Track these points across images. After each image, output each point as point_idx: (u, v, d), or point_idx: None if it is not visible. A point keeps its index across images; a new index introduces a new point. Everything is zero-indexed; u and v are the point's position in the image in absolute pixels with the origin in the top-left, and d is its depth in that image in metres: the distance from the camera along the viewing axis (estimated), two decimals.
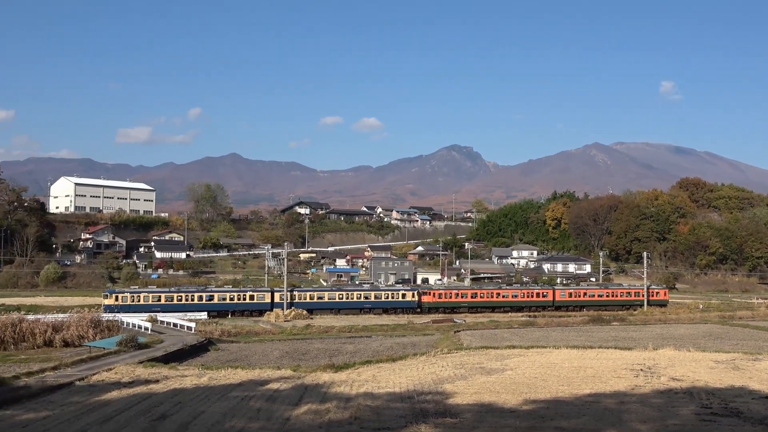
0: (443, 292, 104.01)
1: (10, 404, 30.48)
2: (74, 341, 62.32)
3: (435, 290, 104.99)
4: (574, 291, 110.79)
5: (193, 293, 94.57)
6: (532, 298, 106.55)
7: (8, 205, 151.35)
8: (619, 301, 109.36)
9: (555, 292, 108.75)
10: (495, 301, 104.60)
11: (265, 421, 25.48)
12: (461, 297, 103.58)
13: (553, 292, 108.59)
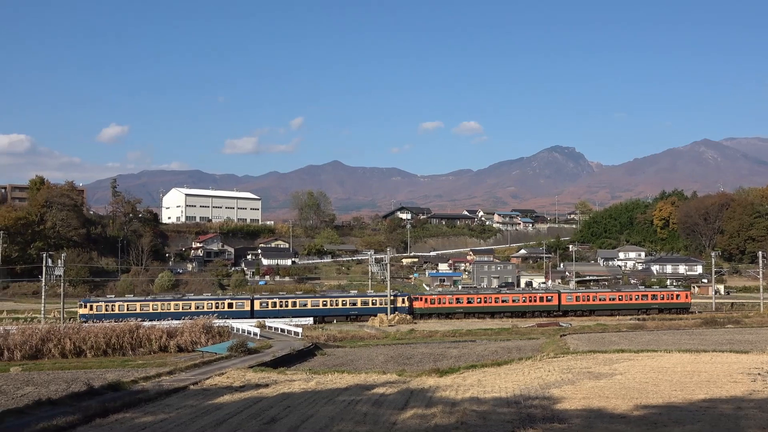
0: (436, 298, 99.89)
1: (130, 407, 31.74)
2: (188, 347, 64.51)
3: (427, 296, 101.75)
4: (582, 294, 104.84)
5: (169, 301, 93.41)
6: (536, 302, 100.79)
7: (124, 216, 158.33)
8: (634, 305, 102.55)
9: (561, 296, 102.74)
10: (494, 306, 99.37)
11: (372, 425, 25.65)
12: (456, 302, 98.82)
13: (558, 296, 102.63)
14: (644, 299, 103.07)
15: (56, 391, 39.96)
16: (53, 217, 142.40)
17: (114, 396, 35.55)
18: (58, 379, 47.32)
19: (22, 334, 61.81)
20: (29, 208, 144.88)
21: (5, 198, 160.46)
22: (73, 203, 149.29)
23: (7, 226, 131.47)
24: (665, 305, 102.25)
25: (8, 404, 36.27)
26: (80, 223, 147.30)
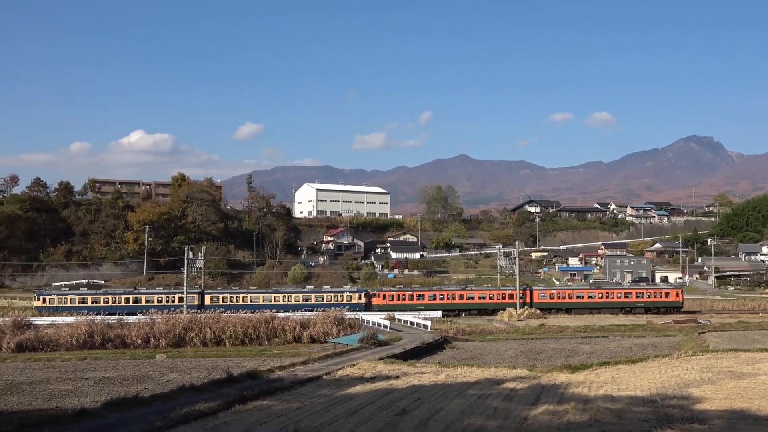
0: (395, 294, 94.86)
1: (267, 395, 32.81)
2: (320, 338, 66.09)
3: (386, 292, 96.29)
4: (557, 292, 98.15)
5: (120, 295, 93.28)
6: (505, 299, 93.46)
7: (259, 211, 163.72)
8: (617, 303, 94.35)
9: (533, 293, 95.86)
10: (458, 303, 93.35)
11: (503, 420, 25.46)
12: (417, 299, 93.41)
13: (530, 293, 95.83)
14: (628, 297, 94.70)
15: (198, 378, 41.85)
16: (194, 212, 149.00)
17: (252, 384, 36.84)
18: (199, 366, 49.57)
19: (167, 323, 65.11)
20: (172, 204, 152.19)
21: (150, 194, 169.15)
22: (212, 199, 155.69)
23: (151, 221, 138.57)
24: (653, 304, 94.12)
25: (155, 389, 38.29)
26: (218, 217, 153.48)
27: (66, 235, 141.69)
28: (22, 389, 40.84)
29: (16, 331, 63.07)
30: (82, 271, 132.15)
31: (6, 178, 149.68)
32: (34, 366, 52.25)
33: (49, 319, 76.77)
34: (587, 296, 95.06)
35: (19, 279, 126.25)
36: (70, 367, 50.91)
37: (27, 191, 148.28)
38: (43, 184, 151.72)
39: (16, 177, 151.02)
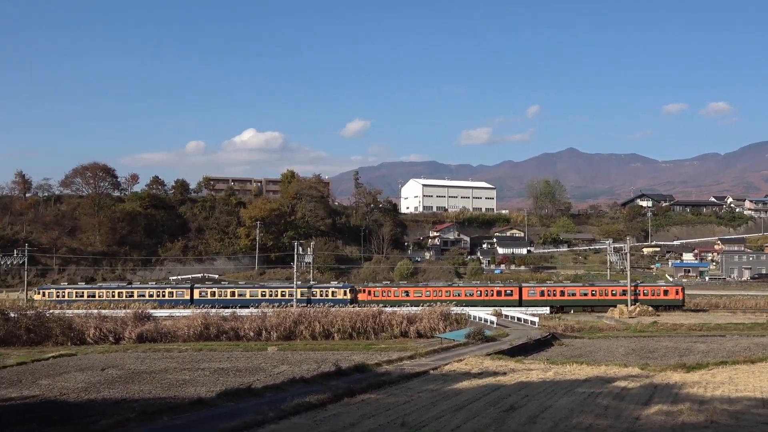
0: (380, 290, 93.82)
1: (375, 389, 33.16)
2: (426, 333, 66.19)
3: (371, 288, 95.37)
4: (548, 289, 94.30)
5: (114, 290, 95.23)
6: (492, 296, 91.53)
7: (366, 207, 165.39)
8: (610, 301, 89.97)
9: (522, 290, 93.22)
10: (444, 299, 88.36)
11: (614, 419, 24.86)
12: (402, 295, 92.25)
13: (519, 290, 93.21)
14: (624, 295, 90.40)
15: (308, 371, 42.64)
16: (303, 208, 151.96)
17: (360, 377, 37.30)
18: (309, 359, 50.53)
19: (278, 317, 66.64)
20: (282, 200, 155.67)
21: (261, 191, 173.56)
22: (320, 195, 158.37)
23: (262, 217, 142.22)
24: (650, 302, 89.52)
25: (267, 380, 39.27)
26: (326, 213, 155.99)
27: (182, 230, 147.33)
28: (143, 378, 42.67)
29: (137, 323, 65.94)
30: (198, 265, 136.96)
31: (127, 177, 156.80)
32: (153, 356, 54.50)
33: (167, 311, 79.91)
34: (580, 293, 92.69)
35: (139, 273, 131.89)
36: (187, 358, 52.82)
37: (146, 189, 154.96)
38: (161, 182, 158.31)
39: (137, 176, 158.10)
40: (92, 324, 64.52)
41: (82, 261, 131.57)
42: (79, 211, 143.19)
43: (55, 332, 63.01)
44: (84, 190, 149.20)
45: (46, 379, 42.86)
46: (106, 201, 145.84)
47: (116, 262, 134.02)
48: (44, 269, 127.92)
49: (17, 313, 65.86)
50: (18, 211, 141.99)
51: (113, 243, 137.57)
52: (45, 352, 56.73)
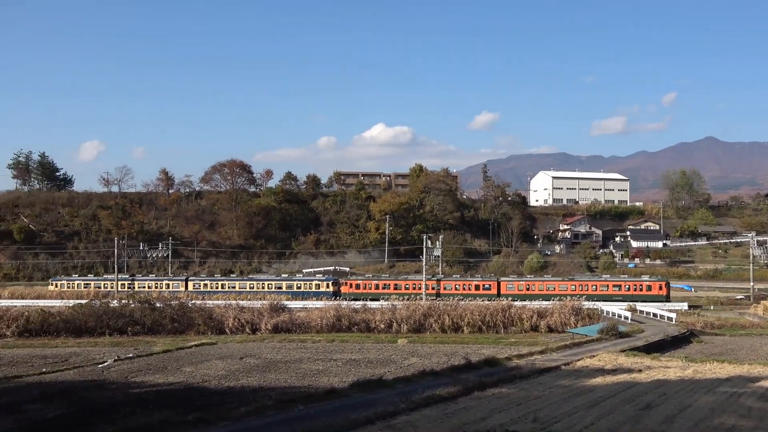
0: (360, 283, 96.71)
1: (505, 383, 32.89)
2: (557, 327, 65.06)
3: (352, 281, 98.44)
4: (526, 283, 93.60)
5: (123, 281, 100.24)
6: (470, 290, 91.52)
7: (494, 199, 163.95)
8: (591, 296, 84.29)
9: (500, 284, 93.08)
10: (421, 293, 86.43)
11: (758, 420, 23.60)
12: (383, 288, 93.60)
13: (498, 284, 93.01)
14: (604, 290, 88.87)
15: (438, 363, 42.79)
16: (431, 201, 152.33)
17: (490, 371, 37.08)
18: (438, 351, 50.67)
19: (407, 309, 67.16)
20: (410, 194, 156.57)
21: (390, 185, 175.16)
22: (449, 188, 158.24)
23: (392, 211, 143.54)
24: (633, 297, 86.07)
25: (397, 372, 39.68)
26: (455, 206, 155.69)
27: (314, 224, 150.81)
28: (279, 367, 44.03)
29: (272, 314, 68.10)
30: (330, 258, 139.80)
31: (262, 173, 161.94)
32: (288, 346, 56.12)
33: (301, 303, 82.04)
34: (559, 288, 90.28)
35: (274, 265, 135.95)
36: (320, 349, 54.09)
37: (280, 184, 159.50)
38: (294, 177, 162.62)
39: (271, 171, 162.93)
40: (231, 314, 67.13)
41: (221, 254, 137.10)
42: (218, 206, 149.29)
43: (197, 322, 65.97)
44: (222, 186, 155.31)
45: (189, 367, 44.95)
46: (242, 196, 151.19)
47: (252, 255, 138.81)
48: (186, 261, 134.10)
49: (162, 303, 69.32)
50: (162, 207, 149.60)
51: (250, 236, 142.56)
52: (188, 341, 59.50)
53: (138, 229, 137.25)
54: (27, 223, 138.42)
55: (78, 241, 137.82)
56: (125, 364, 47.12)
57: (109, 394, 36.39)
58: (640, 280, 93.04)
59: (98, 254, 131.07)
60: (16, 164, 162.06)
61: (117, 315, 65.85)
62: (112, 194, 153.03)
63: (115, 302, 71.12)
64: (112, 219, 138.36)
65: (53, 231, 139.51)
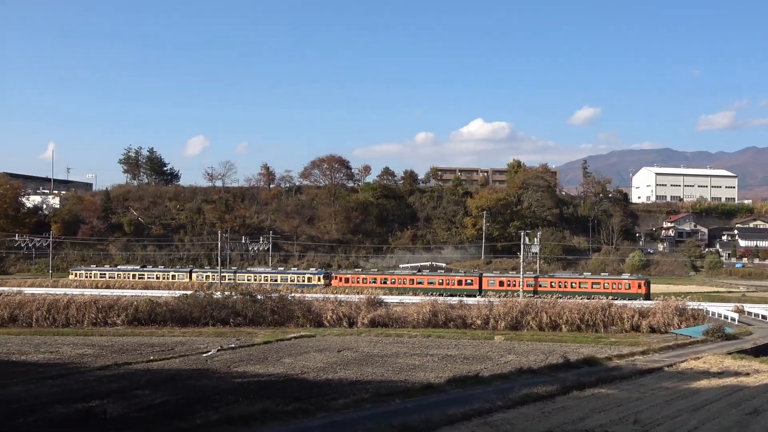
0: (349, 277, 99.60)
1: (604, 383, 32.26)
2: (659, 327, 63.27)
3: (342, 275, 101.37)
4: (507, 279, 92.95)
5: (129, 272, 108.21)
6: (453, 285, 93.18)
7: (594, 196, 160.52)
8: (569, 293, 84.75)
9: (482, 279, 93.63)
10: (409, 287, 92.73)
11: None
12: (370, 282, 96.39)
13: (480, 279, 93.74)
14: (583, 287, 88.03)
15: (535, 361, 42.33)
16: (529, 197, 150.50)
17: (589, 371, 36.44)
18: (535, 350, 50.10)
19: (504, 306, 66.59)
20: (508, 190, 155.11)
21: (487, 181, 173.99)
22: (547, 184, 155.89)
23: (489, 207, 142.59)
24: (612, 295, 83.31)
25: (494, 369, 39.47)
26: (553, 203, 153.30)
27: (411, 219, 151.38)
28: (375, 361, 44.45)
29: (369, 308, 68.70)
30: (426, 254, 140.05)
31: (360, 169, 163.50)
32: (384, 340, 56.57)
33: (398, 297, 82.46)
34: (539, 285, 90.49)
35: (371, 260, 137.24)
36: (416, 343, 54.29)
37: (378, 180, 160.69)
38: (392, 173, 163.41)
39: (369, 167, 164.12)
40: (329, 308, 68.14)
41: (320, 248, 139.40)
42: (317, 200, 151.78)
43: (296, 314, 67.27)
44: (321, 181, 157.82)
45: (289, 358, 45.92)
46: (341, 191, 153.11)
47: (350, 249, 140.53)
48: (286, 255, 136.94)
49: (263, 295, 71.03)
50: (263, 201, 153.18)
51: (347, 231, 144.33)
52: (287, 333, 60.77)
53: (240, 222, 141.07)
54: (136, 216, 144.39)
55: (183, 233, 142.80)
56: (228, 354, 48.54)
57: (213, 382, 37.58)
58: (620, 278, 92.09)
59: (202, 247, 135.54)
60: (127, 159, 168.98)
61: (220, 306, 67.82)
62: (216, 189, 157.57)
63: (218, 294, 73.29)
64: (215, 212, 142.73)
65: (160, 224, 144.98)
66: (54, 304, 67.63)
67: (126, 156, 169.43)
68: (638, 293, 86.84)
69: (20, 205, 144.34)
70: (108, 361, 45.22)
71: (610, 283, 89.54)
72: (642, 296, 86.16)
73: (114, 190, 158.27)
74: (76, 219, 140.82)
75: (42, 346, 53.51)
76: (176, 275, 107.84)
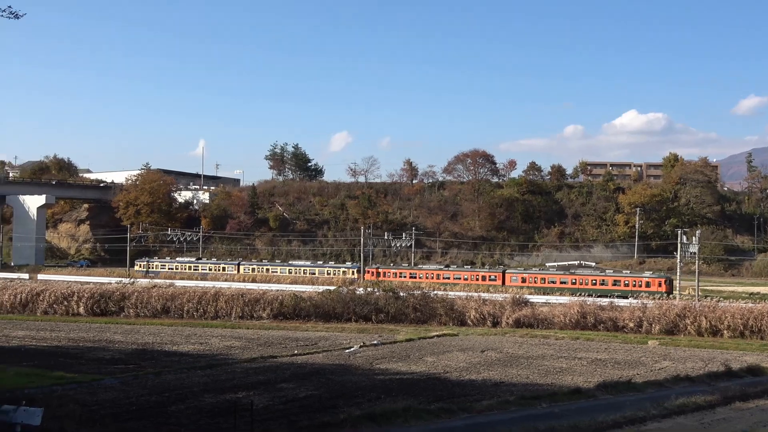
0: (381, 271, 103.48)
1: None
2: None
3: (374, 269, 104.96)
4: (529, 276, 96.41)
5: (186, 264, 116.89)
6: (477, 281, 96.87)
7: (761, 192, 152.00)
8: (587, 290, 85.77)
9: (506, 275, 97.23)
10: (436, 282, 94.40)
11: None
12: (400, 276, 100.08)
13: (503, 275, 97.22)
14: (603, 285, 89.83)
15: (693, 369, 40.62)
16: (687, 193, 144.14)
17: (753, 380, 34.70)
18: (693, 356, 47.99)
19: (659, 309, 64.14)
20: (663, 185, 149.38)
21: (641, 176, 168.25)
22: (707, 179, 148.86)
23: (642, 203, 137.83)
24: (630, 293, 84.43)
25: (647, 376, 38.16)
26: (714, 199, 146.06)
27: (558, 216, 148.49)
28: (521, 363, 44.00)
29: (514, 307, 67.97)
30: (574, 252, 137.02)
31: (505, 163, 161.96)
32: (530, 342, 55.87)
33: (544, 297, 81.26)
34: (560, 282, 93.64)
35: (516, 258, 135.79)
36: (564, 346, 53.29)
37: (523, 175, 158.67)
38: (538, 168, 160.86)
39: (514, 162, 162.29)
40: (473, 306, 67.97)
41: (463, 245, 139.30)
42: (460, 196, 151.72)
43: (438, 312, 67.53)
44: (465, 177, 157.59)
45: (431, 357, 46.23)
46: (485, 187, 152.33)
47: (494, 247, 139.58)
48: (429, 252, 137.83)
49: (405, 292, 71.76)
50: (406, 197, 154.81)
51: (491, 228, 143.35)
52: (429, 331, 61.17)
53: (383, 218, 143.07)
54: (281, 212, 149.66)
55: (327, 229, 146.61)
56: (370, 351, 49.43)
57: (355, 378, 38.38)
58: (640, 276, 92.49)
59: (345, 243, 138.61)
60: (273, 155, 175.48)
61: (363, 302, 69.05)
62: (359, 184, 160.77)
63: (361, 290, 74.69)
64: (358, 208, 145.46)
65: (305, 219, 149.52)
66: (203, 297, 71.07)
67: (272, 152, 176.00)
68: (659, 291, 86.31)
69: (173, 200, 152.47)
70: (254, 354, 47.10)
71: (630, 281, 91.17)
72: (663, 295, 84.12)
73: (260, 185, 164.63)
74: (224, 214, 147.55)
75: (192, 337, 56.44)
76: (226, 267, 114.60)
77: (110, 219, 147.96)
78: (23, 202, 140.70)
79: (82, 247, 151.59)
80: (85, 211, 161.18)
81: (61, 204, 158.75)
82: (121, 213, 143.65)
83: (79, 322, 65.63)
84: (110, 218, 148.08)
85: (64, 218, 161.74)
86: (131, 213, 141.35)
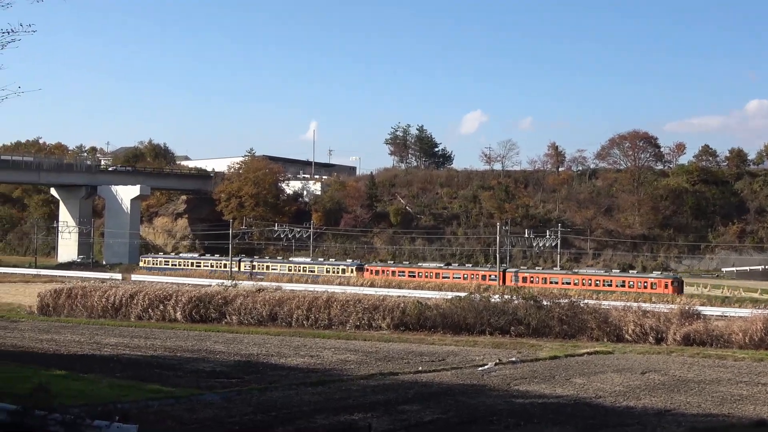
0: (380, 269, 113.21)
1: None
2: None
3: (373, 267, 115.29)
4: (529, 276, 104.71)
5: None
6: (477, 280, 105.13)
7: None
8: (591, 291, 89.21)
9: (506, 275, 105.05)
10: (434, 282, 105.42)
11: None
12: (397, 275, 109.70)
13: (503, 275, 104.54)
14: (607, 285, 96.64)
15: None
16: None
17: None
18: None
19: None
20: None
21: None
22: None
23: None
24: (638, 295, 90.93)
25: None
26: None
27: (739, 211, 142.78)
28: (690, 387, 42.84)
29: (683, 321, 66.07)
30: (758, 255, 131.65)
31: (672, 147, 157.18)
32: (702, 362, 54.24)
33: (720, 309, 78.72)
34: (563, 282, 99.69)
35: (685, 262, 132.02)
36: (744, 368, 51.49)
37: (694, 161, 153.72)
38: (712, 152, 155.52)
39: (683, 145, 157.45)
40: (631, 319, 66.56)
41: (619, 245, 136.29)
42: (616, 187, 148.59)
43: (589, 325, 66.47)
44: (622, 163, 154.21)
45: (580, 378, 45.62)
46: (647, 175, 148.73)
47: (658, 247, 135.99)
48: (578, 253, 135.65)
49: (550, 301, 70.97)
50: (551, 187, 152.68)
51: (655, 225, 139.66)
52: (578, 347, 60.30)
53: (522, 213, 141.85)
54: (404, 205, 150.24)
55: (456, 225, 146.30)
56: (507, 369, 49.23)
57: (489, 401, 38.35)
58: (646, 277, 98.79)
59: (478, 241, 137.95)
60: (394, 139, 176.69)
61: (499, 312, 68.62)
62: (495, 173, 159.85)
63: (497, 297, 74.39)
64: (494, 201, 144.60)
65: (430, 213, 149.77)
66: (314, 303, 72.53)
67: (393, 135, 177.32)
68: (665, 293, 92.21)
69: (280, 191, 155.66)
70: (372, 370, 47.73)
71: (635, 282, 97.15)
72: (670, 297, 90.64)
73: (379, 174, 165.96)
74: (338, 207, 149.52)
75: (302, 348, 57.75)
76: (226, 264, 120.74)
77: (210, 212, 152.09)
78: (116, 193, 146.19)
79: (179, 244, 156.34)
80: (183, 204, 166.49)
81: (156, 195, 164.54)
82: (222, 206, 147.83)
83: (176, 329, 68.29)
84: (210, 211, 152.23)
85: (160, 211, 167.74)
86: (233, 206, 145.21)
